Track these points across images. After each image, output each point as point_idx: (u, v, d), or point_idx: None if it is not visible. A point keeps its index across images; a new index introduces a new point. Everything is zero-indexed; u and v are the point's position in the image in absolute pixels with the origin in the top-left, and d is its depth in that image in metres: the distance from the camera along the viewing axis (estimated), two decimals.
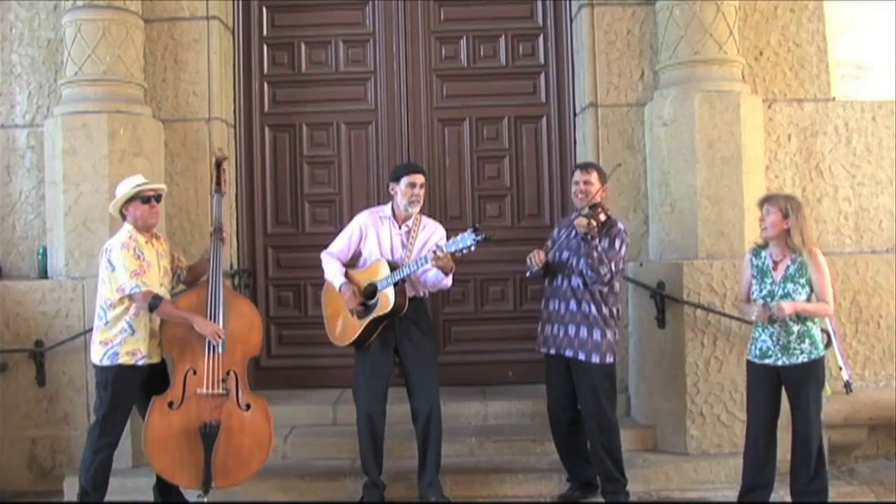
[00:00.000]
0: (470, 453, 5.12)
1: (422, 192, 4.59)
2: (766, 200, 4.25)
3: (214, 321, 4.30)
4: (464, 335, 6.11)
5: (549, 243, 4.63)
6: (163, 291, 4.33)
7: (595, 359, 4.38)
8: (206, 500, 4.26)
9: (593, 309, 4.41)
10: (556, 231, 4.72)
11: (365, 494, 4.55)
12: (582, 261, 4.37)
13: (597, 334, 4.39)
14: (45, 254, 5.43)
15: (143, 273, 4.22)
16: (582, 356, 4.40)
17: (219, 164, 4.59)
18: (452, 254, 4.19)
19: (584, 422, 4.49)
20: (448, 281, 4.49)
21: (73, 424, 5.12)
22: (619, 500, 4.50)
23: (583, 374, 4.43)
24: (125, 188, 4.35)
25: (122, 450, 4.65)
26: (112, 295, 4.23)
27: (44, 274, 5.42)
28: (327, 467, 5.00)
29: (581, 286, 4.42)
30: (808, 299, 4.19)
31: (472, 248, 4.13)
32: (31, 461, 5.17)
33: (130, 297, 4.21)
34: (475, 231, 4.10)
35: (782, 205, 4.17)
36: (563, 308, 4.47)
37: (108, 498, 4.33)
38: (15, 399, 5.15)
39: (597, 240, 4.31)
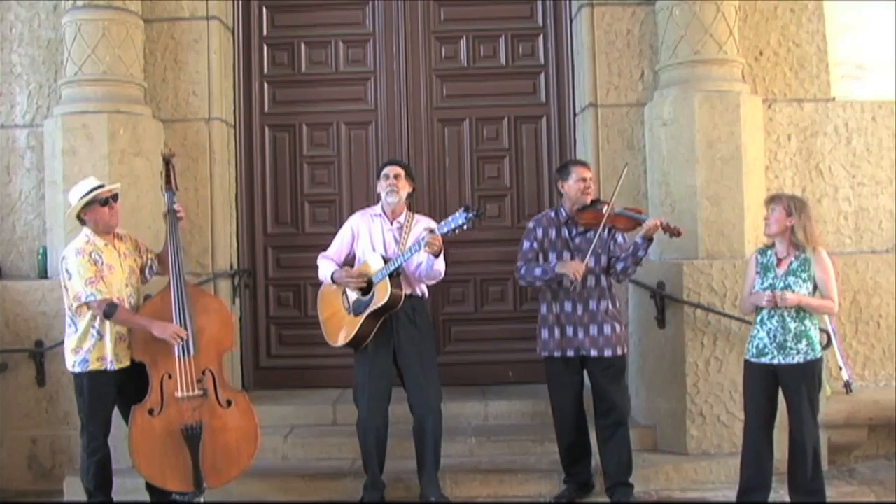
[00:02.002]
0: (470, 453, 5.12)
1: (398, 182, 4.56)
2: (772, 199, 4.32)
3: (181, 323, 4.19)
4: (464, 335, 6.10)
5: (534, 245, 4.57)
6: (130, 291, 4.27)
7: (618, 351, 4.50)
8: (202, 499, 4.24)
9: (611, 305, 4.53)
10: (538, 232, 4.61)
11: (365, 494, 4.54)
12: (620, 262, 4.45)
13: (618, 328, 4.52)
14: (45, 254, 5.43)
15: (100, 280, 4.12)
16: (608, 352, 4.46)
17: (167, 162, 4.46)
18: (445, 234, 4.18)
19: (612, 418, 4.48)
20: (441, 266, 4.47)
21: (73, 424, 5.06)
22: (627, 500, 4.49)
23: (607, 369, 4.49)
24: (80, 193, 4.25)
25: (122, 450, 4.64)
26: (73, 303, 4.18)
27: (44, 274, 5.42)
28: (327, 467, 5.00)
29: (602, 283, 4.50)
30: (811, 296, 4.20)
31: (465, 227, 4.13)
32: (31, 461, 5.17)
33: (87, 306, 4.14)
34: (466, 210, 4.10)
35: (786, 203, 4.23)
36: (581, 309, 4.48)
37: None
38: (15, 399, 5.16)
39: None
